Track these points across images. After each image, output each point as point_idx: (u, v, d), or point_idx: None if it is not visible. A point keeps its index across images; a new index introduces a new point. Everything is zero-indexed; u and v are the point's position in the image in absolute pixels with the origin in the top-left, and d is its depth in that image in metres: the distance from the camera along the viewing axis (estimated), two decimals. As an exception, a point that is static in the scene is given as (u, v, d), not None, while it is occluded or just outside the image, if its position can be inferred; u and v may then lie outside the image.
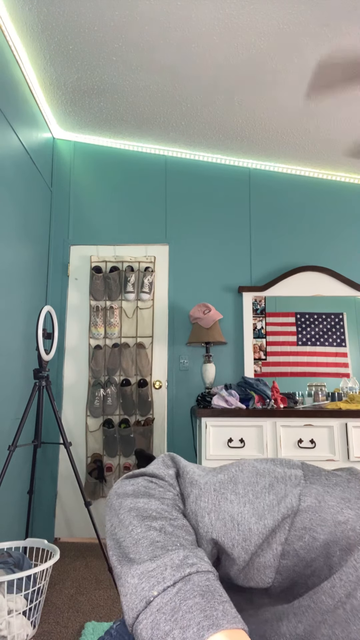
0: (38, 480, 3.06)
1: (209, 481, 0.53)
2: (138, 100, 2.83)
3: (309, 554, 0.49)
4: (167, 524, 0.48)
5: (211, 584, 0.42)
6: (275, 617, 0.53)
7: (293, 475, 0.52)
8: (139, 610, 0.41)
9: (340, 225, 3.34)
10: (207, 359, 3.03)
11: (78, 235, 3.36)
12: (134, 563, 0.45)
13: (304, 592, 0.51)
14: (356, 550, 0.47)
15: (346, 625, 0.47)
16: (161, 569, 0.43)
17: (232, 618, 0.39)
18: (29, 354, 2.84)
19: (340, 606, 0.47)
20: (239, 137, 3.12)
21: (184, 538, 0.47)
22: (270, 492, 0.51)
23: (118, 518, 0.51)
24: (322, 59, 2.32)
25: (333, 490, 0.51)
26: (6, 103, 2.48)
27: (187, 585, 0.41)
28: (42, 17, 2.24)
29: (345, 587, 0.47)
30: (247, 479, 0.52)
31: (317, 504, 0.50)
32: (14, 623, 1.69)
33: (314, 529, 0.49)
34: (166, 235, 3.35)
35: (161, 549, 0.45)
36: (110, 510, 0.54)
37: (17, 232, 2.68)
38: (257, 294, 3.21)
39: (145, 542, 0.46)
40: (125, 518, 0.50)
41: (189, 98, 2.76)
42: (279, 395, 2.68)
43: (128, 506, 0.51)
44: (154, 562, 0.43)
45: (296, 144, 3.10)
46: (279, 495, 0.50)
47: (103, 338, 3.22)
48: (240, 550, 0.50)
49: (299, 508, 0.50)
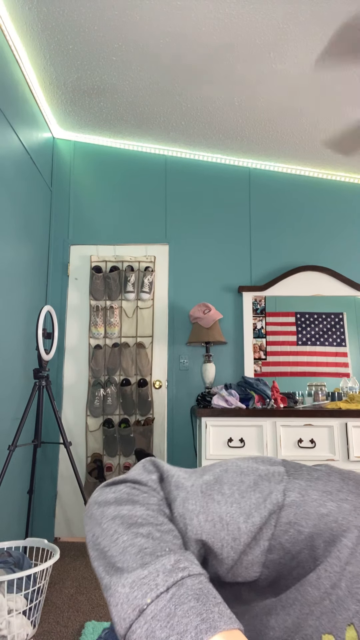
0: (38, 480, 3.07)
1: (195, 483, 0.53)
2: (138, 100, 2.83)
3: (295, 547, 0.50)
4: (154, 530, 0.47)
5: (204, 587, 0.42)
6: (264, 611, 0.54)
7: (276, 472, 0.54)
8: (132, 619, 0.40)
9: (340, 225, 3.34)
10: (207, 359, 3.03)
11: (78, 235, 3.36)
12: (123, 572, 0.43)
13: (290, 584, 0.52)
14: (339, 542, 0.48)
15: (332, 615, 0.48)
16: (153, 575, 0.42)
17: (228, 619, 0.39)
18: (29, 354, 2.84)
19: (326, 597, 0.48)
20: (239, 137, 3.12)
21: (172, 542, 0.46)
22: (255, 491, 0.52)
23: (101, 527, 0.49)
24: (319, 58, 2.32)
25: (315, 484, 0.52)
26: (6, 103, 2.48)
27: (181, 589, 0.41)
28: (42, 17, 2.24)
29: (330, 578, 0.48)
30: (232, 479, 0.53)
31: (301, 498, 0.51)
32: (14, 622, 1.70)
33: (298, 523, 0.50)
34: (166, 235, 3.35)
35: (151, 555, 0.44)
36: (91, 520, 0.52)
37: (17, 231, 2.68)
38: (257, 293, 3.21)
39: (133, 549, 0.45)
40: (109, 527, 0.49)
41: (189, 98, 2.76)
42: (279, 395, 2.68)
43: (111, 514, 0.50)
44: (145, 569, 0.42)
45: (296, 143, 3.10)
46: (264, 493, 0.51)
47: (103, 338, 3.22)
48: (230, 550, 0.50)
49: (284, 503, 0.51)
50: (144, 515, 0.49)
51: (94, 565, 0.48)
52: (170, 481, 0.53)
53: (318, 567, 0.49)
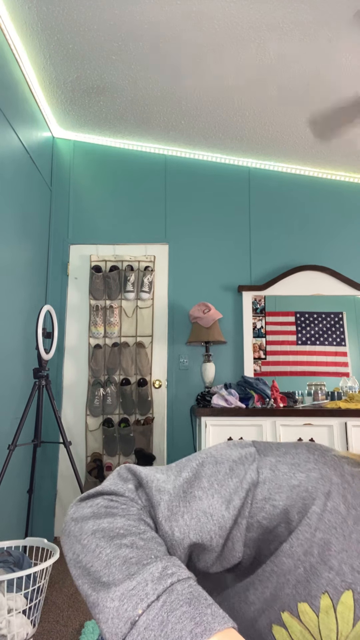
0: (38, 480, 3.07)
1: (175, 484, 0.53)
2: (138, 99, 2.83)
3: (271, 523, 0.52)
4: (137, 539, 0.46)
5: (194, 590, 0.41)
6: (243, 588, 0.55)
7: (248, 454, 0.56)
8: (125, 633, 0.39)
9: (340, 225, 3.34)
10: (206, 358, 3.03)
11: (78, 234, 3.36)
12: (110, 586, 0.42)
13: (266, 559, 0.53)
14: (309, 509, 0.51)
15: (307, 584, 0.50)
16: (142, 585, 0.41)
17: (221, 619, 0.39)
18: (28, 353, 2.84)
19: (300, 565, 0.50)
20: (238, 137, 3.12)
21: (157, 549, 0.46)
22: (232, 477, 0.53)
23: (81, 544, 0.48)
24: (320, 60, 2.32)
25: (284, 459, 0.55)
26: (6, 102, 2.48)
27: (172, 596, 0.40)
28: (42, 16, 2.24)
29: (302, 546, 0.50)
30: (209, 471, 0.54)
31: (273, 474, 0.53)
32: (14, 622, 1.70)
33: (272, 498, 0.52)
34: (166, 234, 3.34)
35: (137, 564, 0.43)
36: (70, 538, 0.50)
37: (16, 231, 2.68)
38: (257, 293, 3.22)
39: (117, 561, 0.44)
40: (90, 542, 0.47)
41: (189, 97, 2.75)
42: (279, 394, 2.68)
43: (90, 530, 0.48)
44: (134, 580, 0.41)
45: (296, 143, 3.10)
46: (240, 477, 0.53)
47: (103, 337, 3.22)
48: (219, 539, 0.51)
49: (258, 481, 0.53)
50: (125, 526, 0.48)
51: (78, 584, 0.46)
52: (151, 486, 0.53)
53: (291, 536, 0.51)
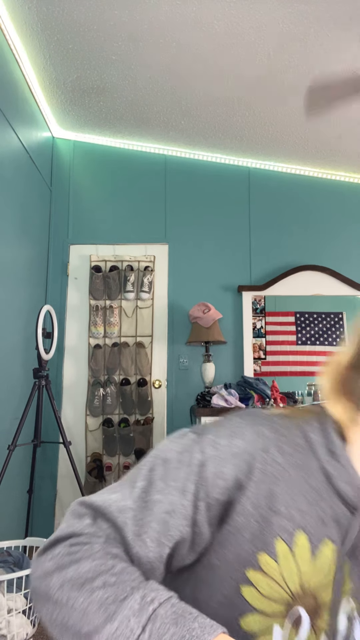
0: (38, 480, 3.07)
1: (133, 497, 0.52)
2: (138, 99, 2.83)
3: (228, 496, 0.53)
4: (107, 577, 0.44)
5: (177, 608, 0.41)
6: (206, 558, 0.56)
7: (189, 440, 0.57)
8: None
9: (340, 225, 3.34)
10: (206, 358, 3.03)
11: (77, 234, 3.36)
12: (93, 635, 0.41)
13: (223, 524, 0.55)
14: (254, 468, 0.53)
15: (261, 535, 0.52)
16: (125, 623, 0.40)
17: (210, 628, 0.39)
18: (28, 353, 2.84)
19: (251, 518, 0.53)
20: (238, 137, 3.11)
21: (131, 580, 0.44)
22: (181, 467, 0.54)
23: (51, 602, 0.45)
24: (321, 61, 2.32)
25: (221, 431, 0.57)
26: (6, 102, 2.48)
27: (156, 623, 0.40)
28: (42, 16, 2.24)
29: (250, 500, 0.53)
30: (160, 473, 0.54)
31: (215, 450, 0.55)
32: (13, 622, 1.70)
33: (221, 472, 0.53)
34: (166, 234, 3.34)
35: (113, 603, 0.42)
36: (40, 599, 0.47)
37: (16, 231, 2.68)
38: (257, 293, 3.22)
39: (93, 607, 0.42)
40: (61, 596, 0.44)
41: (189, 97, 2.75)
42: (279, 394, 2.68)
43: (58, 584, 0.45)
44: (115, 621, 0.40)
45: (296, 143, 3.10)
46: (187, 464, 0.54)
47: (103, 337, 3.22)
48: (187, 529, 0.52)
49: (203, 461, 0.54)
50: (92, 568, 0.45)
51: None
52: (111, 510, 0.51)
53: (241, 496, 0.53)
